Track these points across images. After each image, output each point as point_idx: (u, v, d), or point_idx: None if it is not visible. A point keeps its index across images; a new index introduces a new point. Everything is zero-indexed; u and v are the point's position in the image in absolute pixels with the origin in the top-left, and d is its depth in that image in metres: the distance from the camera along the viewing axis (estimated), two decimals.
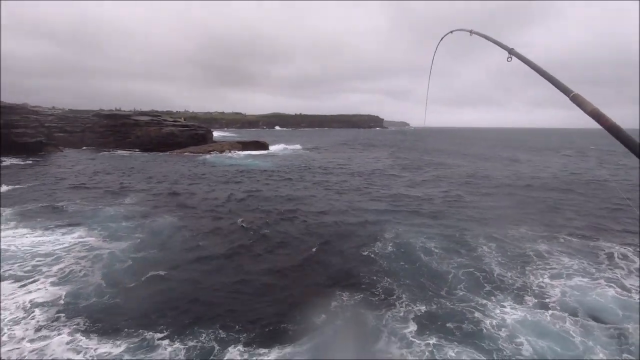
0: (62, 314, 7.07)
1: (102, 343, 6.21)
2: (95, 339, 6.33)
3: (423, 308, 7.49)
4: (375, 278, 8.92)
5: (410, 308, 7.49)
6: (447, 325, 6.88)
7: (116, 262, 9.56)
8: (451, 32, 3.34)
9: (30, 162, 31.83)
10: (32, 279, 8.47)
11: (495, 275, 8.99)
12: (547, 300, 7.83)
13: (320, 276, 9.21)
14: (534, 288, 8.33)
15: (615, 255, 10.32)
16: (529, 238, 11.75)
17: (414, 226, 13.08)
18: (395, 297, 8.01)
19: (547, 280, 8.73)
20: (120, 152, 43.95)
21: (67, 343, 6.16)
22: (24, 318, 6.86)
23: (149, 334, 6.48)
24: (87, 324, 6.80)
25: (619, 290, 8.25)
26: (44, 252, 10.04)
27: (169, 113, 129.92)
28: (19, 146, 35.88)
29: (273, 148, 51.75)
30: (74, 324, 6.74)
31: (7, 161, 31.27)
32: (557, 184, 22.70)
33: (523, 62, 1.86)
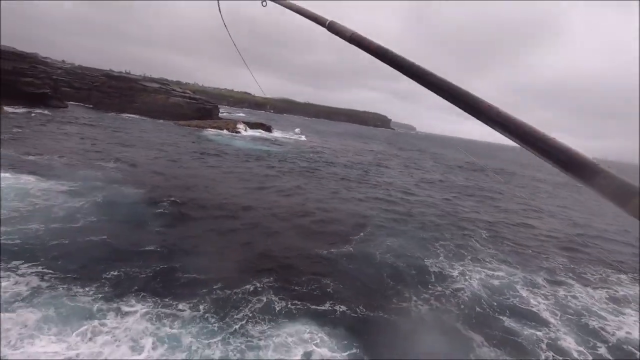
0: None
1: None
2: None
3: None
4: None
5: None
6: None
7: (60, 213, 10.16)
8: None
9: (33, 113, 31.70)
10: None
11: None
12: None
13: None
14: None
15: None
16: None
17: None
18: None
19: None
20: (125, 115, 43.73)
21: None
22: None
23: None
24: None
25: None
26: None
27: (178, 83, 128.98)
28: (23, 95, 35.61)
29: (278, 134, 51.65)
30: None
31: (9, 109, 31.07)
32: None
33: (275, 2, 1.73)
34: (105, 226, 9.72)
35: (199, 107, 49.42)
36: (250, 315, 6.71)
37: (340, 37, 1.15)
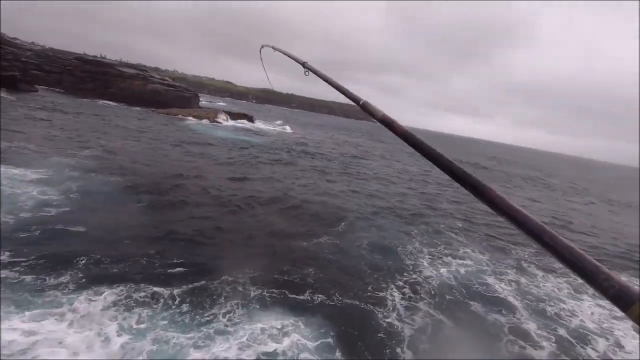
0: None
1: None
2: None
3: None
4: None
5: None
6: None
7: (29, 202, 9.70)
8: (262, 47, 3.59)
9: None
10: None
11: None
12: None
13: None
14: None
15: None
16: None
17: None
18: None
19: None
20: (100, 101, 42.06)
21: None
22: None
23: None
24: None
25: None
26: None
27: (156, 70, 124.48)
28: None
29: (261, 124, 51.05)
30: None
31: None
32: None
33: (316, 74, 1.92)
34: (79, 215, 9.48)
35: (178, 94, 48.19)
36: (226, 303, 6.79)
37: (372, 116, 1.27)
